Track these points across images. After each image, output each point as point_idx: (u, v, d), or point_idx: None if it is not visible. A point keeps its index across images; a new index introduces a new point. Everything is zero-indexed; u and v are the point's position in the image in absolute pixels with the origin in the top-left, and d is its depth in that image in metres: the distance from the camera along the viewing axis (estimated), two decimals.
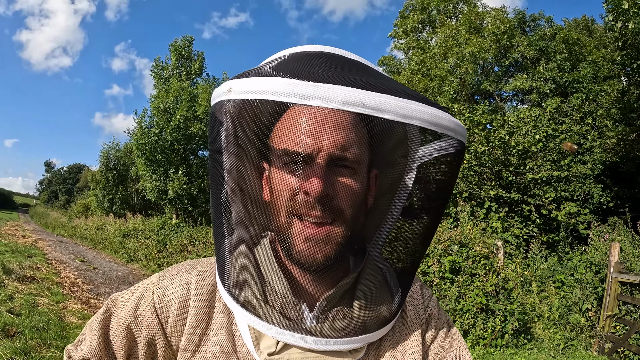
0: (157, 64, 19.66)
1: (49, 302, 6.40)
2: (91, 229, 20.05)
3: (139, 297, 0.76)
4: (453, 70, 16.04)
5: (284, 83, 0.52)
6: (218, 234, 0.72)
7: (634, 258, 6.36)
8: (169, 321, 0.72)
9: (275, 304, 0.68)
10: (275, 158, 0.66)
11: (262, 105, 0.59)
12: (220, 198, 0.70)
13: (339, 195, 0.62)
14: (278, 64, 0.61)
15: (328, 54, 0.66)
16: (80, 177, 59.26)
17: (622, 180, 11.51)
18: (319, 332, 0.65)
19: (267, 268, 0.71)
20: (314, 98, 0.51)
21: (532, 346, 5.98)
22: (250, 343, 0.68)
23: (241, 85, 0.56)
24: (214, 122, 0.67)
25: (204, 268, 0.77)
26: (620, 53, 9.37)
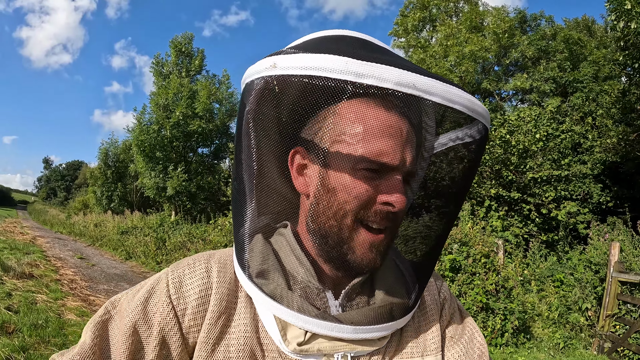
0: (157, 61, 19.60)
1: (48, 299, 6.39)
2: (90, 226, 20.04)
3: (149, 290, 0.68)
4: (453, 69, 16.02)
5: (337, 60, 0.51)
6: (241, 221, 0.69)
7: (633, 258, 6.36)
8: (186, 314, 0.66)
9: (301, 293, 0.66)
10: (358, 159, 0.59)
11: (311, 86, 0.55)
12: (249, 184, 0.67)
13: (403, 208, 0.62)
14: (308, 45, 0.60)
15: (357, 38, 0.65)
16: (78, 174, 59.16)
17: (621, 180, 11.52)
18: (349, 320, 0.64)
19: (290, 257, 0.68)
20: (368, 77, 0.50)
21: (531, 345, 6.00)
22: (277, 334, 0.65)
23: (288, 60, 0.54)
24: (249, 101, 0.62)
25: (223, 257, 0.72)
26: (622, 53, 9.35)
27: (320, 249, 0.65)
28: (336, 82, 0.51)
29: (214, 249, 6.84)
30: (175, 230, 14.47)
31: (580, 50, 14.62)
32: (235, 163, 0.71)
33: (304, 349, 0.64)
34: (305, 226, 0.67)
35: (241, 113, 0.65)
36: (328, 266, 0.68)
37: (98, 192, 26.33)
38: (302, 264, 0.67)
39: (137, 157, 18.86)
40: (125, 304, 0.69)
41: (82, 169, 55.14)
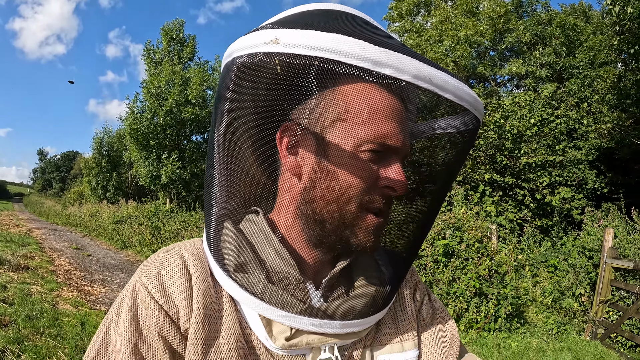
0: (148, 48, 19.40)
1: (43, 290, 6.38)
2: (85, 216, 20.02)
3: (130, 307, 0.60)
4: (448, 53, 15.94)
5: (353, 43, 0.47)
6: (214, 208, 0.65)
7: (627, 244, 6.39)
8: (180, 316, 0.59)
9: (283, 286, 0.63)
10: (360, 142, 0.56)
11: (317, 68, 0.50)
12: (227, 168, 0.63)
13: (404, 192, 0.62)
14: (298, 20, 0.55)
15: (353, 16, 0.61)
16: (73, 165, 58.95)
17: (616, 166, 11.55)
18: (337, 315, 0.62)
19: (265, 247, 0.64)
20: (386, 66, 0.47)
21: (525, 330, 6.04)
22: (262, 330, 0.61)
23: (294, 37, 0.48)
24: (240, 78, 0.56)
25: (194, 248, 0.65)
26: (617, 38, 9.30)
27: (314, 234, 0.63)
28: (349, 67, 0.48)
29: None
30: (170, 218, 14.48)
31: (576, 36, 14.55)
32: (210, 144, 0.65)
33: (292, 344, 0.61)
34: (295, 210, 0.63)
35: (224, 91, 0.60)
36: (312, 253, 0.66)
37: (93, 182, 26.30)
38: (281, 254, 0.63)
39: (131, 146, 18.78)
40: (112, 336, 0.61)
41: (77, 160, 54.90)
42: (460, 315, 6.07)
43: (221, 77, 0.61)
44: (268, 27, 0.53)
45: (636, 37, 8.35)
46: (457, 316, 6.04)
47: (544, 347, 5.56)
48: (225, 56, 0.58)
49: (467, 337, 5.76)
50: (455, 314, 5.99)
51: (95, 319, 5.52)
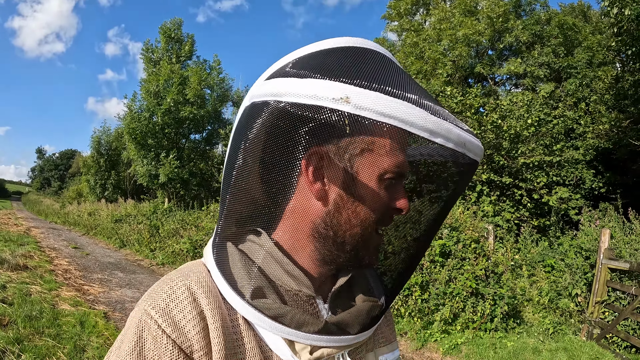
0: (147, 47, 19.38)
1: (42, 290, 6.41)
2: (84, 215, 20.04)
3: (136, 342, 0.59)
4: (447, 52, 15.94)
5: (418, 114, 0.51)
6: (232, 234, 0.68)
7: (624, 245, 6.41)
8: (194, 350, 0.59)
9: (297, 305, 0.66)
10: (368, 176, 0.60)
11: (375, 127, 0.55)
12: (249, 192, 0.66)
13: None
14: (340, 61, 0.58)
15: (383, 57, 0.64)
16: (72, 163, 58.85)
17: (614, 166, 11.56)
18: (349, 327, 0.67)
19: (274, 268, 0.66)
20: (439, 136, 0.53)
21: (521, 330, 6.07)
22: (288, 351, 0.64)
23: (365, 99, 0.50)
24: (284, 120, 0.57)
25: (199, 276, 0.65)
26: (615, 39, 9.31)
27: (330, 253, 0.65)
28: (408, 133, 0.52)
29: (207, 235, 6.75)
30: (169, 217, 14.50)
31: (574, 36, 14.55)
32: (227, 172, 0.67)
33: (316, 357, 0.64)
34: (310, 231, 0.65)
35: (255, 125, 0.60)
36: (319, 270, 0.68)
37: (91, 181, 26.29)
38: (293, 274, 0.66)
39: (129, 145, 18.77)
40: None
41: (76, 158, 54.81)
42: (457, 315, 6.10)
43: (255, 110, 0.60)
44: (315, 76, 0.54)
45: (634, 38, 8.36)
46: (453, 316, 6.08)
47: (540, 347, 5.60)
48: (268, 93, 0.57)
49: (463, 336, 5.79)
50: (451, 313, 6.02)
51: (95, 318, 5.55)
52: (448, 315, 5.98)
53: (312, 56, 0.61)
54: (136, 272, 9.59)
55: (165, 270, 10.26)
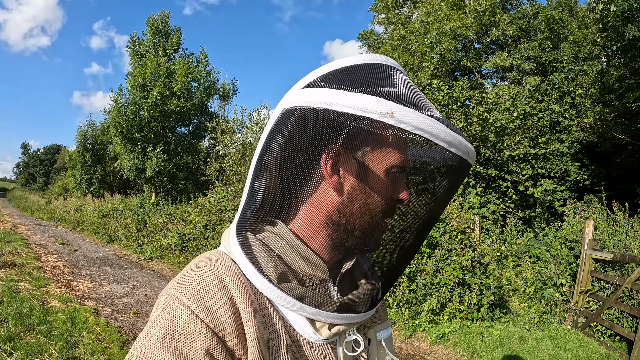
0: (133, 40, 19.08)
1: (31, 287, 6.37)
2: (70, 211, 19.81)
3: (169, 327, 0.62)
4: (433, 46, 15.99)
5: (443, 130, 0.63)
6: (252, 225, 0.75)
7: (608, 236, 6.53)
8: (226, 333, 0.63)
9: (313, 287, 0.75)
10: (378, 170, 0.70)
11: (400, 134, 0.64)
12: (272, 184, 0.73)
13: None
14: (360, 77, 0.66)
15: (409, 82, 0.73)
16: (57, 158, 58.00)
17: (598, 159, 11.71)
18: (358, 306, 0.75)
19: (292, 254, 0.74)
20: (454, 147, 0.65)
21: (507, 319, 6.17)
22: (310, 328, 0.71)
23: (407, 116, 0.61)
24: (323, 124, 0.65)
25: (223, 263, 0.69)
26: (601, 35, 9.39)
27: (340, 239, 0.74)
28: (433, 144, 0.64)
29: (195, 229, 6.76)
30: (156, 211, 14.40)
31: (561, 30, 14.67)
32: (256, 168, 0.74)
33: (334, 333, 0.73)
34: (324, 220, 0.73)
35: (298, 132, 0.68)
36: (330, 255, 0.77)
37: (77, 176, 25.93)
38: (311, 260, 0.75)
39: (115, 139, 18.54)
40: (143, 356, 0.61)
41: (61, 153, 53.97)
42: (444, 305, 6.20)
43: (297, 114, 0.68)
44: (364, 90, 0.63)
45: (619, 34, 8.44)
46: (440, 306, 6.17)
47: (526, 335, 5.72)
48: (318, 100, 0.64)
49: (450, 326, 5.89)
50: (439, 303, 6.11)
51: (85, 314, 5.54)
52: (435, 305, 6.07)
53: (346, 71, 0.68)
54: (124, 267, 9.56)
55: (154, 264, 10.24)
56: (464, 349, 5.42)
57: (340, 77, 0.67)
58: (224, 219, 9.90)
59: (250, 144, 12.56)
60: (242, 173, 11.78)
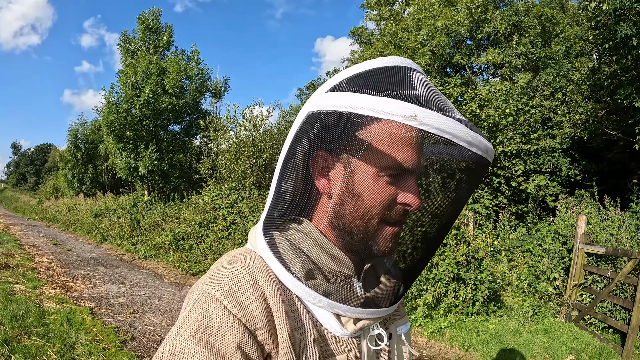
0: (124, 38, 18.91)
1: (26, 289, 6.32)
2: (62, 211, 19.66)
3: (201, 322, 0.64)
4: (425, 42, 16.03)
5: (465, 132, 0.64)
6: (278, 223, 0.78)
7: (600, 230, 6.60)
8: (257, 328, 0.65)
9: (339, 284, 0.77)
10: (380, 168, 0.70)
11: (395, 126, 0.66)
12: (290, 186, 0.76)
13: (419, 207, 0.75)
14: (380, 81, 0.69)
15: (424, 78, 0.74)
16: (48, 158, 57.46)
17: (590, 155, 11.80)
18: (381, 302, 0.78)
19: (318, 251, 0.76)
20: (474, 146, 0.65)
21: (502, 313, 6.23)
22: (336, 323, 0.74)
23: (429, 118, 0.61)
24: (348, 129, 0.68)
25: (254, 261, 0.72)
26: (593, 33, 9.44)
27: (344, 242, 0.76)
28: (453, 143, 0.64)
29: (189, 227, 6.77)
30: (149, 210, 14.33)
31: (552, 27, 14.73)
32: (282, 170, 0.76)
33: (359, 327, 0.75)
34: (327, 222, 0.76)
35: (326, 132, 0.70)
36: (349, 254, 0.79)
37: (69, 175, 25.69)
38: (336, 257, 0.77)
39: (107, 138, 18.37)
40: (175, 349, 0.63)
41: (52, 152, 53.48)
42: (440, 300, 6.25)
43: (329, 119, 0.70)
44: (387, 94, 0.65)
45: (611, 32, 8.49)
46: (436, 301, 6.22)
47: (521, 329, 5.79)
48: (343, 105, 0.66)
49: (446, 320, 5.95)
50: (434, 298, 6.16)
51: (81, 315, 5.52)
52: (431, 300, 6.12)
53: (368, 75, 0.71)
54: (119, 267, 9.52)
55: (148, 264, 10.21)
56: (460, 343, 5.48)
57: (363, 81, 0.69)
58: (218, 217, 9.87)
59: (244, 142, 12.52)
60: (235, 170, 11.76)
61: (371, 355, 0.80)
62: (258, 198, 9.97)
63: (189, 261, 9.35)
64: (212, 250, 9.19)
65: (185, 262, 9.37)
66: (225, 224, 9.46)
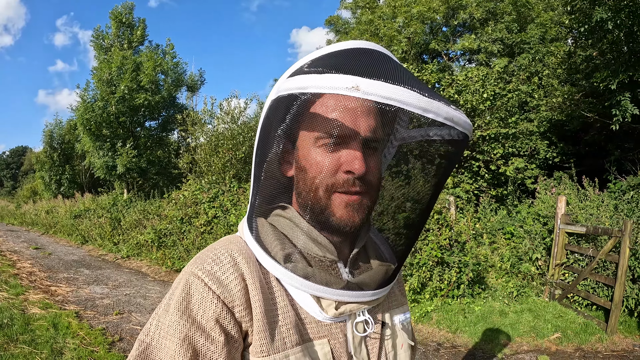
0: (96, 34, 18.44)
1: (9, 296, 6.19)
2: (41, 214, 19.21)
3: (184, 297, 0.69)
4: (401, 29, 16.05)
5: (413, 95, 0.60)
6: (262, 210, 0.81)
7: (579, 210, 6.76)
8: (235, 305, 0.70)
9: (322, 268, 0.77)
10: (315, 139, 0.72)
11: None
12: (273, 174, 0.78)
13: (369, 171, 0.73)
14: (348, 60, 0.69)
15: (384, 55, 0.74)
16: (24, 161, 56.05)
17: (567, 137, 12.01)
18: (366, 286, 0.78)
19: (299, 235, 0.77)
20: (430, 112, 0.61)
21: (487, 295, 6.35)
22: (316, 306, 0.75)
23: (371, 87, 0.59)
24: (306, 108, 0.71)
25: (237, 245, 0.76)
26: (568, 17, 9.56)
27: (310, 218, 0.76)
28: (405, 111, 0.61)
29: (171, 224, 6.75)
30: (130, 208, 14.10)
31: (527, 13, 14.86)
32: (257, 163, 0.79)
33: (340, 312, 0.76)
34: (297, 205, 0.79)
35: (281, 116, 0.72)
36: (336, 237, 0.79)
37: (46, 177, 25.10)
38: (318, 241, 0.78)
39: (84, 137, 17.97)
40: (160, 324, 0.69)
41: (27, 155, 52.14)
42: (425, 284, 6.33)
43: (283, 103, 0.71)
44: (331, 72, 0.64)
45: (586, 16, 8.60)
46: (421, 285, 6.30)
47: (506, 309, 5.92)
48: (295, 87, 0.66)
49: (432, 304, 6.04)
50: (419, 283, 6.24)
51: (67, 319, 5.44)
52: (416, 284, 6.20)
53: (327, 57, 0.73)
54: (102, 268, 9.39)
55: (131, 262, 10.09)
56: (447, 326, 5.57)
57: (322, 62, 0.71)
58: (200, 212, 9.79)
59: (222, 134, 12.41)
60: (215, 164, 11.66)
61: (358, 342, 0.79)
62: (239, 191, 9.91)
63: (173, 258, 9.26)
64: (195, 246, 9.11)
65: (168, 259, 9.28)
66: (207, 219, 9.39)
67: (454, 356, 4.85)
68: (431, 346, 5.14)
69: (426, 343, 5.24)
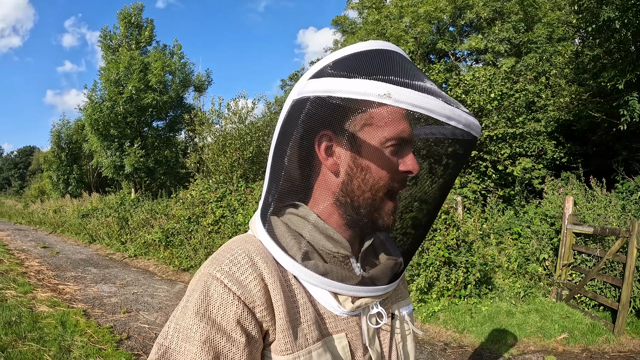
0: (104, 34, 18.55)
1: (17, 294, 6.25)
2: (49, 213, 19.36)
3: (203, 299, 0.68)
4: (408, 29, 16.02)
5: (439, 105, 0.64)
6: (276, 208, 0.81)
7: (587, 210, 6.70)
8: (256, 305, 0.70)
9: (337, 264, 0.79)
10: (375, 145, 0.72)
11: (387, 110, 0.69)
12: (285, 172, 0.78)
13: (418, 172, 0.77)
14: (364, 62, 0.72)
15: (404, 58, 0.77)
16: (31, 160, 56.54)
17: (574, 137, 11.91)
18: (378, 281, 0.80)
19: (315, 233, 0.78)
20: (453, 120, 0.65)
21: (493, 295, 6.31)
22: (334, 301, 0.77)
23: (402, 94, 0.62)
24: (331, 112, 0.70)
25: (253, 245, 0.76)
26: (575, 16, 9.48)
27: (351, 218, 0.78)
28: (431, 118, 0.65)
29: (178, 223, 6.77)
30: (137, 207, 14.18)
31: (534, 12, 14.77)
32: (274, 160, 0.79)
33: (357, 306, 0.78)
34: (333, 201, 0.78)
35: (311, 121, 0.72)
36: (347, 233, 0.81)
37: (54, 177, 25.28)
38: (333, 238, 0.79)
39: (91, 137, 18.09)
40: (179, 327, 0.68)
41: (35, 155, 52.60)
42: (432, 284, 6.31)
43: (306, 104, 0.72)
44: (362, 77, 0.67)
45: (594, 15, 8.52)
46: (428, 285, 6.27)
47: (513, 309, 5.89)
48: (322, 90, 0.68)
49: (439, 304, 6.02)
50: (426, 282, 6.22)
51: (75, 317, 5.48)
52: (423, 284, 6.18)
53: (350, 58, 0.74)
54: (109, 267, 9.46)
55: (139, 262, 10.15)
56: (454, 326, 5.56)
57: (342, 65, 0.72)
58: (207, 211, 9.82)
59: (230, 134, 12.44)
60: (222, 164, 11.69)
61: (372, 334, 0.82)
62: (246, 190, 9.93)
63: (180, 257, 9.30)
64: (202, 245, 9.14)
65: (176, 259, 9.32)
66: (214, 218, 9.41)
67: (461, 356, 4.84)
68: (438, 346, 5.13)
69: (433, 343, 5.23)
